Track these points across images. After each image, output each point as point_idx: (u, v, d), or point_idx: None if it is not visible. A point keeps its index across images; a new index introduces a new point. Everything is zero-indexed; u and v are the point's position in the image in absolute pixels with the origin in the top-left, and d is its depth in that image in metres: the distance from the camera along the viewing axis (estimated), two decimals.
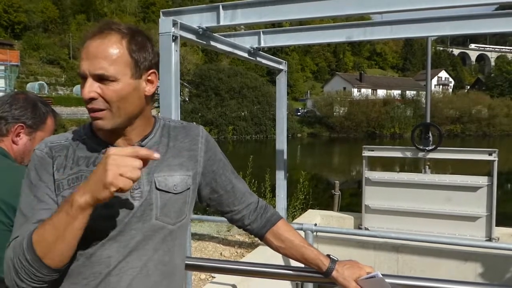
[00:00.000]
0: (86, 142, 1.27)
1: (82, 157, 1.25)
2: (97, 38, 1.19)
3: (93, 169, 1.18)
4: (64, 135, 1.31)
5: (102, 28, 1.21)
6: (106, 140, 1.27)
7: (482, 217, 5.39)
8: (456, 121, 65.67)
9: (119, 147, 1.23)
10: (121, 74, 1.18)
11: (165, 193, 1.27)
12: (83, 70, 1.18)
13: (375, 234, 4.79)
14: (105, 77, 1.17)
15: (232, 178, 1.48)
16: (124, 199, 1.22)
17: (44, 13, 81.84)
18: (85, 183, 1.09)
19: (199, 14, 3.87)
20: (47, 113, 1.76)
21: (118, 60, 1.18)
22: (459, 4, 3.35)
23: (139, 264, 1.23)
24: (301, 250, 1.47)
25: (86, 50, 1.19)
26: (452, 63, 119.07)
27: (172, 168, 1.31)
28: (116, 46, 1.19)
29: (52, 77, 67.75)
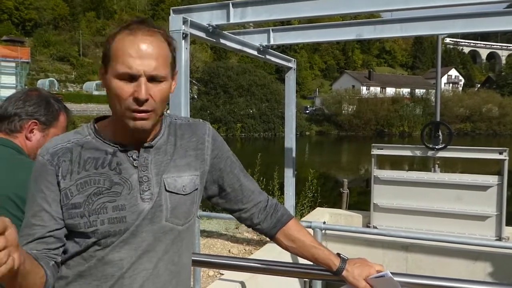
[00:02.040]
0: (91, 143, 1.23)
1: (90, 159, 1.21)
2: (147, 36, 1.15)
3: (101, 172, 1.19)
4: (66, 136, 1.26)
5: (145, 24, 1.17)
6: (117, 140, 1.24)
7: (492, 217, 5.36)
8: (466, 119, 65.09)
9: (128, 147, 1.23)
10: (167, 74, 1.19)
11: (175, 194, 1.27)
12: (137, 69, 1.12)
13: (385, 232, 4.78)
14: (157, 77, 1.15)
15: (240, 176, 1.45)
16: (134, 202, 1.21)
17: (55, 10, 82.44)
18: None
19: (209, 11, 3.88)
20: (59, 110, 1.77)
21: (166, 61, 1.18)
22: (469, 2, 3.33)
23: (150, 265, 1.23)
24: (312, 250, 1.46)
25: (137, 48, 1.12)
26: (462, 61, 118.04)
27: (180, 168, 1.29)
28: (164, 46, 1.18)
29: (62, 74, 68.24)
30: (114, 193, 1.19)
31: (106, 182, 1.20)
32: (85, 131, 1.26)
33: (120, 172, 1.21)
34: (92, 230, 1.18)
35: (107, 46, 1.17)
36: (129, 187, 1.21)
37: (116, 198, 1.19)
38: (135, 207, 1.20)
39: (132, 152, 1.24)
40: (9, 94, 7.32)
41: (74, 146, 1.22)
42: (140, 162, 1.24)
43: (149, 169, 1.24)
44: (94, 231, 1.18)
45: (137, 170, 1.23)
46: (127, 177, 1.22)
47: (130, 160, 1.23)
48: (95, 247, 1.19)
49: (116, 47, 1.14)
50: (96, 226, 1.17)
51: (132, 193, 1.21)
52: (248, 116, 56.73)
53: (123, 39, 1.14)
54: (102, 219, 1.17)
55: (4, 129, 1.67)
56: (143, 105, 1.13)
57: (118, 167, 1.22)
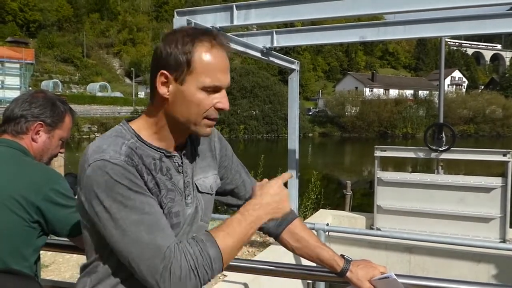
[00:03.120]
0: (139, 147, 1.19)
1: (147, 164, 1.17)
2: (224, 50, 1.20)
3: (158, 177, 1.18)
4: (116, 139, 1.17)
5: (223, 39, 1.22)
6: (159, 146, 1.23)
7: (495, 219, 5.34)
8: (469, 121, 64.95)
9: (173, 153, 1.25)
10: None
11: (206, 195, 1.33)
12: (226, 83, 1.20)
13: (388, 234, 4.78)
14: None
15: (242, 172, 1.51)
16: (183, 207, 1.24)
17: (59, 11, 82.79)
18: (264, 204, 1.24)
19: (213, 14, 3.89)
20: (65, 111, 1.78)
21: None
22: (473, 4, 3.33)
23: None
24: (316, 250, 1.47)
25: (224, 63, 1.19)
26: (466, 62, 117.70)
27: (204, 170, 1.35)
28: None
29: (66, 75, 68.53)
30: (171, 199, 1.21)
31: (165, 187, 1.20)
32: (125, 133, 1.20)
33: (171, 178, 1.23)
34: None
35: (185, 57, 1.14)
36: (180, 193, 1.24)
37: (173, 204, 1.21)
38: (184, 212, 1.24)
39: (177, 158, 1.26)
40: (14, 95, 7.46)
41: (133, 151, 1.16)
42: (184, 168, 1.27)
43: (189, 174, 1.28)
44: None
45: (182, 175, 1.26)
46: (176, 182, 1.24)
47: (175, 165, 1.25)
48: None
49: (203, 60, 1.15)
50: None
51: (182, 199, 1.24)
52: (251, 117, 56.78)
53: (210, 53, 1.16)
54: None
55: (11, 131, 1.67)
56: (219, 114, 1.22)
57: (168, 172, 1.23)
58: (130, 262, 1.09)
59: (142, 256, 1.07)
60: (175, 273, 1.06)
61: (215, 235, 1.12)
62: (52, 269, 4.60)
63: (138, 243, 1.08)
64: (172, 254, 1.07)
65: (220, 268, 1.12)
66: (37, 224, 1.55)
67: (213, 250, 1.10)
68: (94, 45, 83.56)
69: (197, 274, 1.07)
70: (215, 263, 1.10)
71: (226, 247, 1.12)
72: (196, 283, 1.08)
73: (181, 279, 1.06)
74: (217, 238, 1.12)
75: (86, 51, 78.95)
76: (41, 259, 1.72)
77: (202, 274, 1.08)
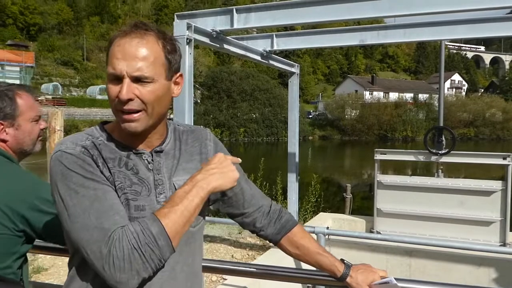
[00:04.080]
0: (106, 144, 1.22)
1: (108, 158, 1.20)
2: (134, 37, 1.16)
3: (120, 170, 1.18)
4: (81, 135, 1.22)
5: (137, 27, 1.19)
6: (126, 143, 1.24)
7: (496, 222, 5.34)
8: (469, 124, 64.95)
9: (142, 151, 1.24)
10: (157, 75, 1.18)
11: None
12: (120, 70, 1.14)
13: (388, 238, 4.77)
14: (143, 78, 1.15)
15: (241, 180, 1.43)
16: (152, 204, 1.21)
17: (59, 15, 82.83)
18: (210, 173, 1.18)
19: (213, 17, 3.90)
20: (13, 95, 1.67)
21: (155, 62, 1.17)
22: (472, 8, 3.34)
23: (168, 267, 1.21)
24: (316, 257, 1.47)
25: (122, 49, 1.15)
26: (465, 66, 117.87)
27: (188, 171, 1.30)
28: (154, 47, 1.18)
29: (66, 78, 68.46)
30: (135, 191, 1.20)
31: (127, 180, 1.20)
32: (95, 133, 1.25)
33: (138, 172, 1.22)
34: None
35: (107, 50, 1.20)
36: (148, 189, 1.22)
37: (137, 197, 1.20)
38: (152, 209, 1.20)
39: (146, 156, 1.25)
40: None
41: (94, 145, 1.20)
42: (155, 166, 1.26)
43: (162, 172, 1.26)
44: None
45: (152, 173, 1.25)
46: (145, 178, 1.23)
47: (145, 163, 1.25)
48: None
49: (110, 50, 1.18)
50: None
51: (150, 195, 1.22)
52: (251, 120, 56.75)
53: (116, 42, 1.17)
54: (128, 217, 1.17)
55: None
56: (126, 105, 1.15)
57: (135, 167, 1.23)
58: (81, 249, 1.10)
59: (89, 241, 1.08)
60: (117, 255, 1.05)
61: (157, 212, 1.11)
62: (52, 272, 4.58)
63: (87, 228, 1.09)
64: (115, 237, 1.07)
65: (167, 244, 1.09)
66: (23, 233, 1.52)
67: (155, 227, 1.07)
68: (94, 48, 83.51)
69: (141, 253, 1.06)
70: (159, 240, 1.07)
71: (169, 222, 1.09)
72: (142, 262, 1.06)
73: (124, 260, 1.05)
74: (159, 214, 1.10)
75: (86, 54, 78.94)
76: (41, 262, 1.71)
77: (147, 253, 1.06)
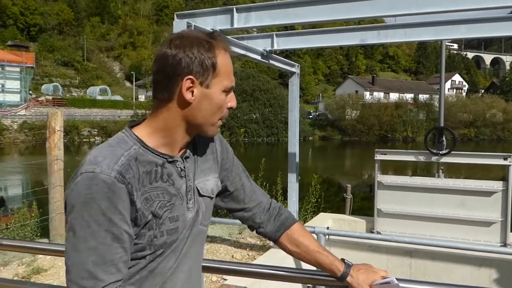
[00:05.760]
0: (141, 154, 1.17)
1: (144, 173, 1.16)
2: (229, 52, 1.26)
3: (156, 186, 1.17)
4: (116, 149, 1.14)
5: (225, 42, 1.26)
6: (163, 152, 1.22)
7: (496, 223, 5.32)
8: (470, 125, 64.93)
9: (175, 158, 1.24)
10: None
11: (206, 198, 1.33)
12: (233, 83, 1.25)
13: (389, 238, 4.75)
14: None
15: (242, 175, 1.49)
16: (183, 211, 1.24)
17: (59, 15, 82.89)
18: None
19: (213, 16, 3.89)
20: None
21: None
22: (473, 8, 3.33)
23: (186, 268, 1.27)
24: (316, 255, 1.46)
25: (230, 66, 1.25)
26: (466, 66, 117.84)
27: (205, 173, 1.34)
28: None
29: (66, 79, 68.58)
30: (172, 204, 1.21)
31: (166, 195, 1.20)
32: (128, 141, 1.18)
33: (174, 183, 1.23)
34: (151, 242, 1.17)
35: (210, 61, 1.18)
36: (181, 198, 1.24)
37: (171, 209, 1.21)
38: (184, 216, 1.24)
39: (179, 163, 1.26)
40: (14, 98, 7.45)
41: (130, 160, 1.13)
42: (186, 172, 1.27)
43: (191, 178, 1.28)
44: (152, 243, 1.17)
45: (185, 180, 1.26)
46: (179, 187, 1.24)
47: (178, 170, 1.25)
48: (150, 259, 1.19)
49: (222, 63, 1.21)
50: (156, 237, 1.18)
51: (183, 203, 1.24)
52: (251, 121, 56.78)
53: (225, 56, 1.22)
54: (162, 231, 1.19)
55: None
56: (227, 114, 1.29)
57: (170, 178, 1.22)
58: (66, 279, 1.08)
59: (76, 280, 1.06)
60: None
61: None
62: (51, 273, 4.58)
63: (79, 267, 1.06)
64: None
65: None
66: None
67: None
68: (95, 49, 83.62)
69: None
70: None
71: None
72: None
73: None
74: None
75: (86, 54, 79.01)
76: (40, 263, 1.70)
77: None
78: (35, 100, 54.03)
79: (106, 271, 1.06)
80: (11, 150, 38.85)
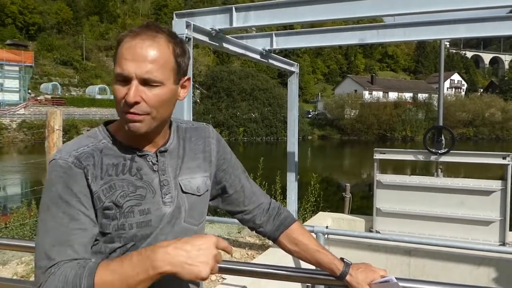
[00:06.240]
0: (109, 147, 1.21)
1: (110, 165, 1.19)
2: (145, 39, 1.14)
3: (122, 178, 1.18)
4: (82, 140, 1.21)
5: (149, 28, 1.17)
6: (132, 145, 1.23)
7: (495, 222, 5.33)
8: (468, 124, 65.04)
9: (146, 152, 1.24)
10: (166, 79, 1.16)
11: (191, 195, 1.30)
12: (129, 72, 1.11)
13: (388, 237, 4.76)
14: (151, 81, 1.13)
15: (242, 177, 1.48)
16: (157, 206, 1.23)
17: (58, 14, 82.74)
18: (172, 252, 1.02)
19: (212, 16, 3.88)
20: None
21: (165, 65, 1.15)
22: (472, 7, 3.33)
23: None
24: (315, 254, 1.46)
25: (132, 51, 1.12)
26: (465, 66, 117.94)
27: (192, 170, 1.32)
28: (164, 50, 1.16)
29: (65, 78, 68.46)
30: (140, 196, 1.20)
31: (130, 186, 1.20)
32: (99, 135, 1.23)
33: (142, 177, 1.22)
34: (120, 234, 1.18)
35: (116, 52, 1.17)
36: (152, 191, 1.22)
37: (141, 201, 1.20)
38: (158, 210, 1.22)
39: (150, 157, 1.25)
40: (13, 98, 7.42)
41: (95, 151, 1.18)
42: (160, 167, 1.26)
43: (167, 172, 1.26)
44: (121, 235, 1.18)
45: (158, 174, 1.25)
46: (149, 181, 1.23)
47: (149, 164, 1.24)
48: (120, 252, 1.19)
49: (118, 50, 1.15)
50: (124, 230, 1.18)
51: (155, 197, 1.23)
52: (250, 120, 56.81)
53: (125, 42, 1.14)
54: (131, 223, 1.18)
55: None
56: (132, 107, 1.13)
57: (139, 172, 1.22)
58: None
59: (37, 262, 1.09)
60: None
61: (100, 266, 1.04)
62: None
63: (39, 249, 1.10)
64: (53, 271, 1.05)
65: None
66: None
67: (87, 282, 1.02)
68: (94, 48, 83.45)
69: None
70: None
71: (102, 283, 1.02)
72: None
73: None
74: (99, 270, 1.03)
75: (85, 53, 78.82)
76: None
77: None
78: (34, 99, 54.02)
79: (60, 251, 1.08)
80: (10, 149, 38.84)
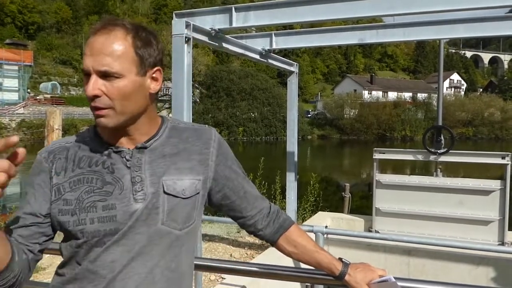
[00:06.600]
0: (88, 143, 1.27)
1: (85, 157, 1.24)
2: (102, 33, 1.16)
3: (95, 170, 1.22)
4: (68, 137, 1.32)
5: (106, 23, 1.18)
6: (109, 141, 1.26)
7: (494, 221, 5.34)
8: (468, 124, 65.04)
9: (121, 148, 1.24)
10: (126, 70, 1.16)
11: (173, 197, 1.24)
12: (87, 66, 1.15)
13: (387, 237, 4.77)
14: (109, 73, 1.14)
15: (244, 183, 1.44)
16: (126, 202, 1.20)
17: (58, 13, 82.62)
18: None
19: (211, 16, 3.88)
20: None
21: (123, 56, 1.15)
22: (471, 7, 3.33)
23: (144, 270, 1.20)
24: (314, 255, 1.46)
25: (90, 46, 1.16)
26: (464, 65, 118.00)
27: (182, 171, 1.27)
28: (121, 42, 1.16)
29: (64, 77, 68.35)
30: (106, 192, 1.19)
31: (99, 181, 1.20)
32: (85, 132, 1.31)
33: (113, 172, 1.22)
34: (81, 229, 1.17)
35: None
36: (120, 187, 1.21)
37: (107, 197, 1.19)
38: (127, 207, 1.19)
39: (125, 153, 1.24)
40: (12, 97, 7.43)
41: (72, 146, 1.28)
42: (133, 163, 1.23)
43: (142, 169, 1.23)
44: (83, 230, 1.18)
45: (130, 170, 1.23)
46: (120, 177, 1.22)
47: (123, 160, 1.23)
48: (86, 247, 1.19)
49: (85, 47, 1.20)
50: (85, 225, 1.17)
51: (124, 193, 1.20)
52: (250, 120, 56.77)
53: (92, 38, 1.18)
54: (92, 218, 1.17)
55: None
56: (93, 101, 1.16)
57: (112, 166, 1.23)
58: None
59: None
60: None
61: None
62: (50, 272, 4.58)
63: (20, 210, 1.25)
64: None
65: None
66: None
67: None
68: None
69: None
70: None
71: None
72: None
73: None
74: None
75: None
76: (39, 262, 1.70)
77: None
78: (33, 99, 54.00)
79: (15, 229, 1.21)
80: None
